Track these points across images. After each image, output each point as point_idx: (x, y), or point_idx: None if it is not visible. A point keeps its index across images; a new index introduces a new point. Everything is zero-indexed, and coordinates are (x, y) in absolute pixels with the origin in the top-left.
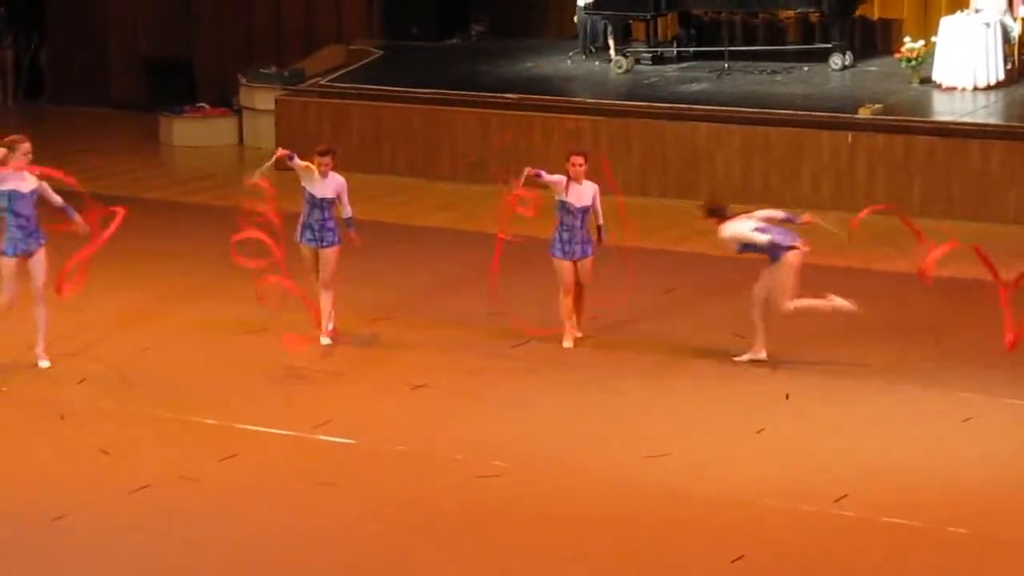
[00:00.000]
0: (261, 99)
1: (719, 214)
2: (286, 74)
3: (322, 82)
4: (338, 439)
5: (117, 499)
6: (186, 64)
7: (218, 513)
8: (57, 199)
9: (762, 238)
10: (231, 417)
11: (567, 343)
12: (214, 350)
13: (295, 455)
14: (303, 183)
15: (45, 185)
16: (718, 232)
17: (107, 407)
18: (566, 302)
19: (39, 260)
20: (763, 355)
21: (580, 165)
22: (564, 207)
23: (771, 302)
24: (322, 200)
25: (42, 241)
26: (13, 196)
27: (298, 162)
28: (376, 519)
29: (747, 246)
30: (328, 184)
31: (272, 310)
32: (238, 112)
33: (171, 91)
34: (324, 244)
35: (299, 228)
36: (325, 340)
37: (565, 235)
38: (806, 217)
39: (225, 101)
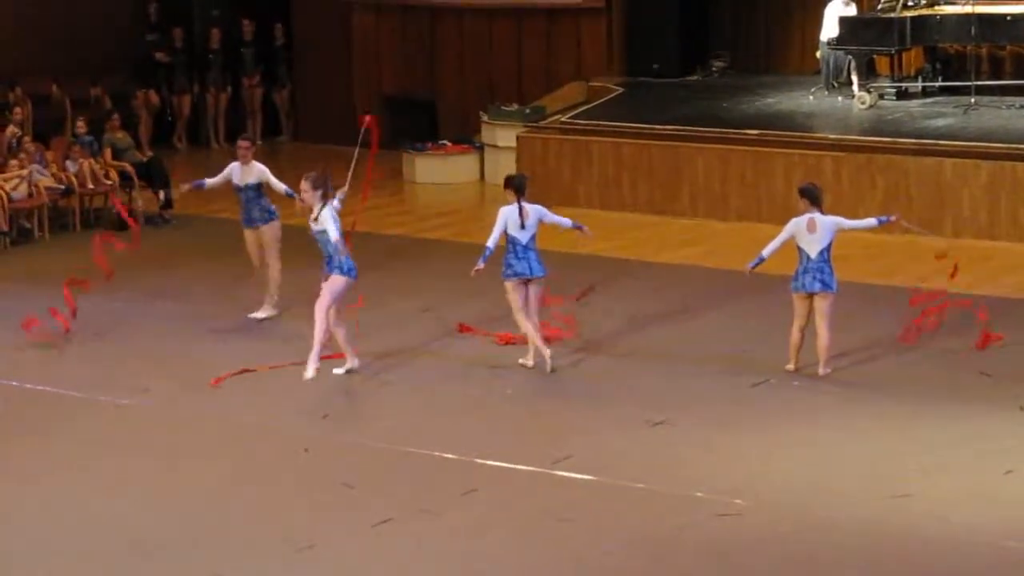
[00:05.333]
0: (503, 136)
1: None
2: (527, 111)
3: (563, 119)
4: (578, 475)
5: (360, 531)
6: (429, 102)
7: (459, 547)
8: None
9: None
10: (471, 451)
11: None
12: (453, 385)
13: (535, 490)
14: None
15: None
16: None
17: (350, 441)
18: (796, 335)
19: None
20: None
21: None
22: None
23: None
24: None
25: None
26: None
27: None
28: (616, 556)
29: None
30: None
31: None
32: (480, 149)
33: (414, 128)
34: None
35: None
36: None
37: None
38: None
39: (467, 138)
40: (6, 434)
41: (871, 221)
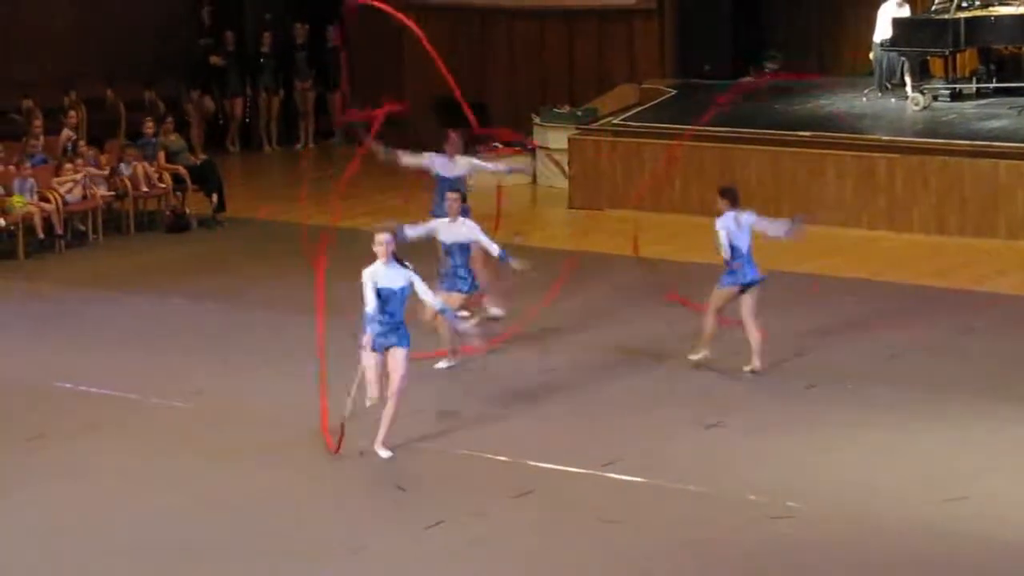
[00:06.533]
0: (554, 138)
1: None
2: (579, 113)
3: (615, 121)
4: (629, 477)
5: (412, 534)
6: (481, 104)
7: (510, 549)
8: None
9: None
10: (523, 454)
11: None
12: (504, 387)
13: (586, 492)
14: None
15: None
16: None
17: (403, 444)
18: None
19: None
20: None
21: None
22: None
23: None
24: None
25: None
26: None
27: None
28: (666, 558)
29: None
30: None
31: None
32: (532, 151)
33: (466, 131)
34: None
35: None
36: None
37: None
38: None
39: (519, 141)
40: (62, 436)
41: (781, 226)
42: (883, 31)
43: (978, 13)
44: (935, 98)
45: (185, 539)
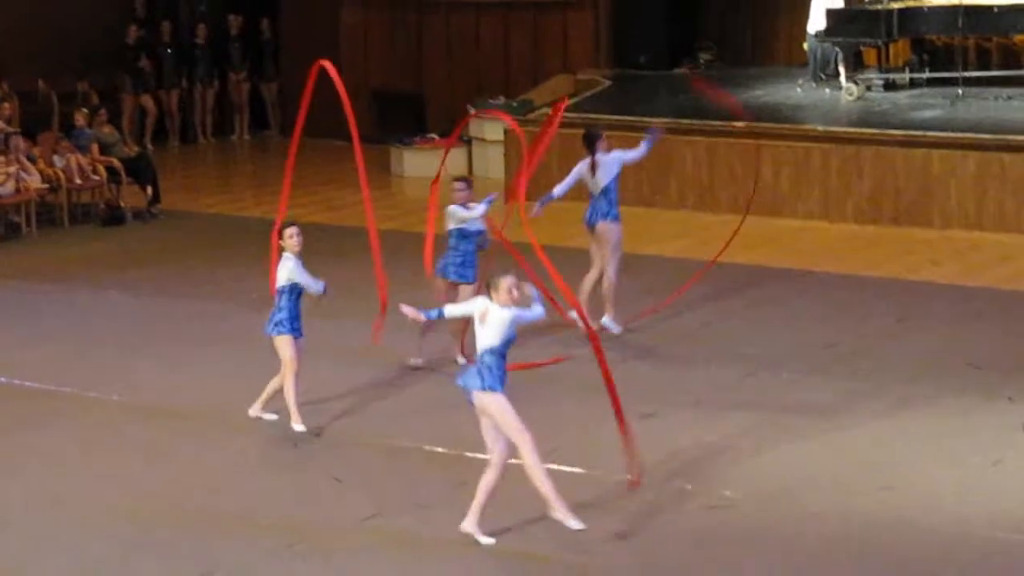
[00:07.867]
0: (490, 130)
1: None
2: (514, 104)
3: (550, 112)
4: (565, 467)
5: (350, 527)
6: (416, 96)
7: (449, 541)
8: None
9: None
10: (460, 446)
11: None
12: (440, 379)
13: (525, 483)
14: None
15: None
16: None
17: (339, 436)
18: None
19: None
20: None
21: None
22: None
23: None
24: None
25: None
26: None
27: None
28: (606, 549)
29: None
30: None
31: None
32: (467, 143)
33: (401, 123)
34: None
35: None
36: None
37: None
38: None
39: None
40: None
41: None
42: (817, 21)
43: (911, 3)
44: (869, 88)
45: (120, 535)
